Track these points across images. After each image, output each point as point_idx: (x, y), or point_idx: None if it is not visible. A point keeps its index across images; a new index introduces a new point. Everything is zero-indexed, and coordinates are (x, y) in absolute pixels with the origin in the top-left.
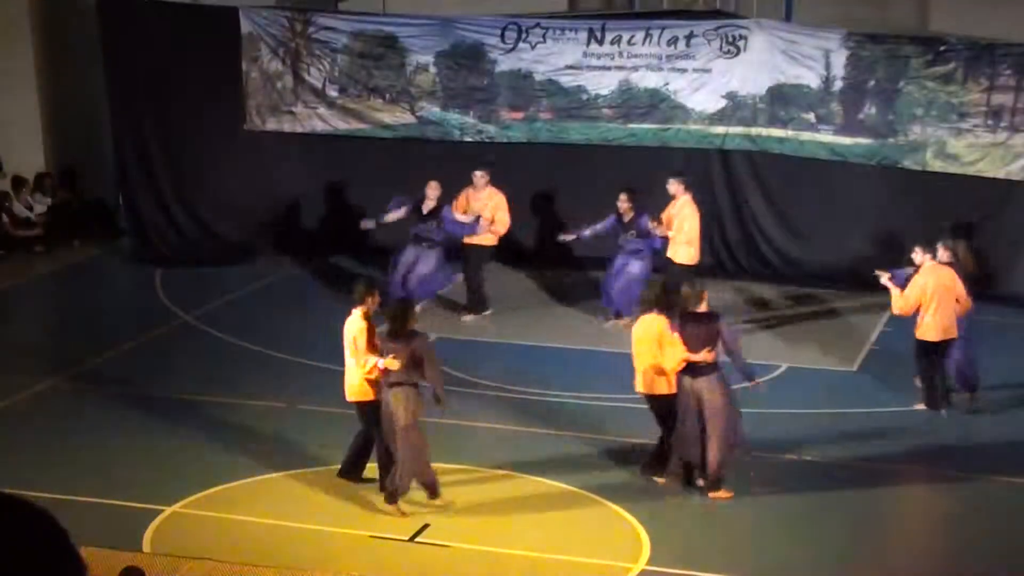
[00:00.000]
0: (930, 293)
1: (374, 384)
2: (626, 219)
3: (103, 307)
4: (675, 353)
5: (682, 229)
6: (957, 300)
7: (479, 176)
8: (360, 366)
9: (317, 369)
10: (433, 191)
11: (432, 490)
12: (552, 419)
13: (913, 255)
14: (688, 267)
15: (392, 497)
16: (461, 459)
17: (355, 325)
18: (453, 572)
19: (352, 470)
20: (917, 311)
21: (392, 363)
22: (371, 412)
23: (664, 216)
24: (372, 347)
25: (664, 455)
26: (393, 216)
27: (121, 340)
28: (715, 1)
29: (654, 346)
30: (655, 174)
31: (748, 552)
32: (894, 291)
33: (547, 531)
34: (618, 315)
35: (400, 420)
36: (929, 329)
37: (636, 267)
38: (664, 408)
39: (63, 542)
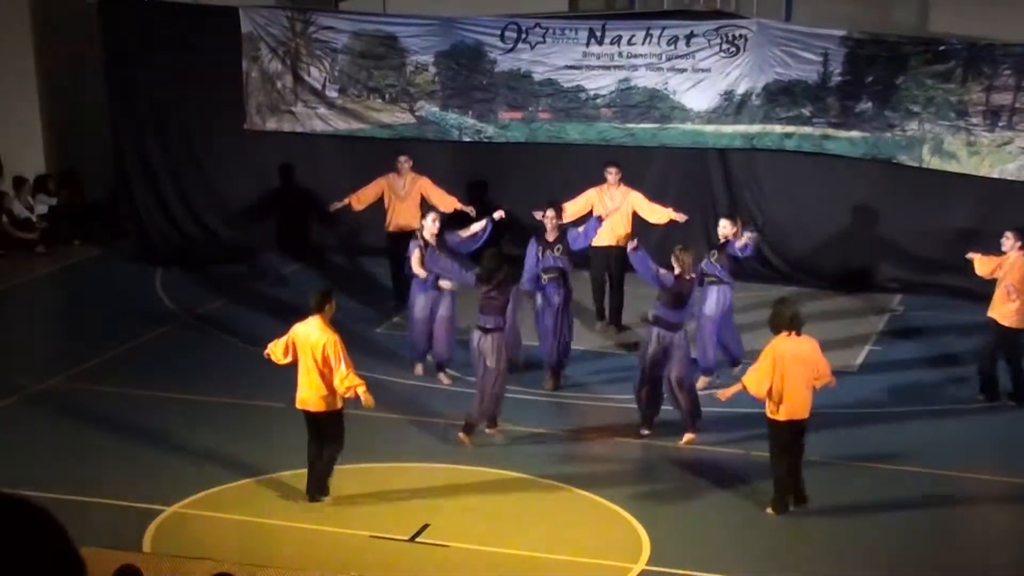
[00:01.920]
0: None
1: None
2: (551, 237)
3: (104, 307)
4: None
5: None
6: None
7: (403, 161)
8: (339, 382)
9: None
10: (433, 223)
11: (493, 420)
12: (551, 419)
13: (1004, 240)
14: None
15: (469, 428)
16: (460, 459)
17: (323, 336)
18: (453, 572)
19: (321, 487)
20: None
21: (370, 401)
22: (333, 423)
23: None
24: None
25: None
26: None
27: (122, 340)
28: (715, 1)
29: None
30: (653, 173)
31: (748, 552)
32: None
33: (547, 531)
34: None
35: (491, 363)
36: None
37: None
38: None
39: (63, 541)
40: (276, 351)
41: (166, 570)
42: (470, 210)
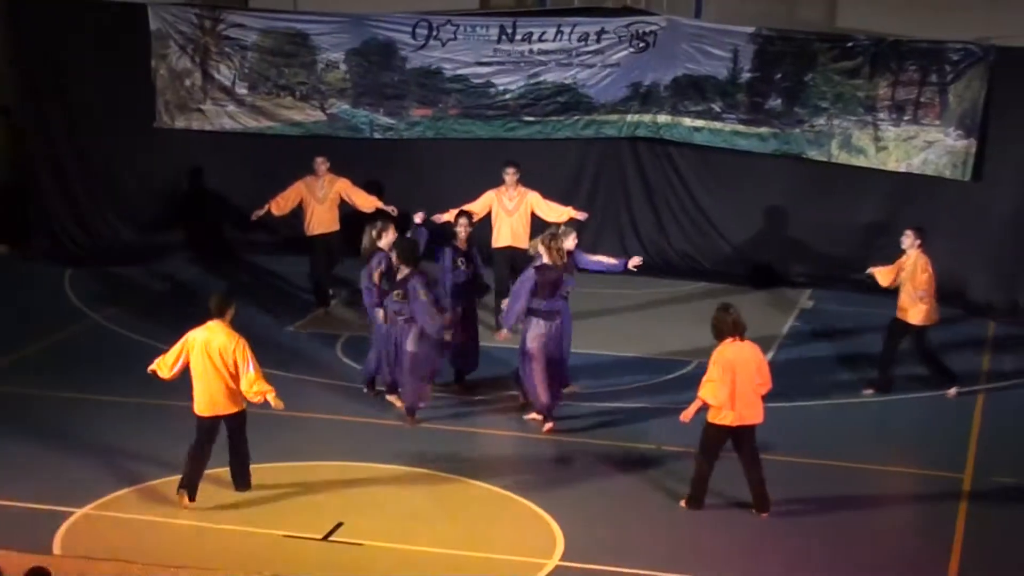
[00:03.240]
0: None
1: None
2: (463, 247)
3: (11, 307)
4: None
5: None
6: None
7: (320, 162)
8: (248, 387)
9: None
10: (389, 237)
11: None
12: (468, 418)
13: (903, 238)
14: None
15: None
16: (373, 457)
17: (230, 341)
18: (367, 570)
19: (245, 478)
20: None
21: (280, 405)
22: (241, 420)
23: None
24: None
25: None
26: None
27: (30, 341)
28: None
29: None
30: (565, 169)
31: (662, 547)
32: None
33: (462, 528)
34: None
35: (410, 347)
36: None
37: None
38: None
39: None
40: (163, 365)
41: (76, 571)
42: (391, 209)
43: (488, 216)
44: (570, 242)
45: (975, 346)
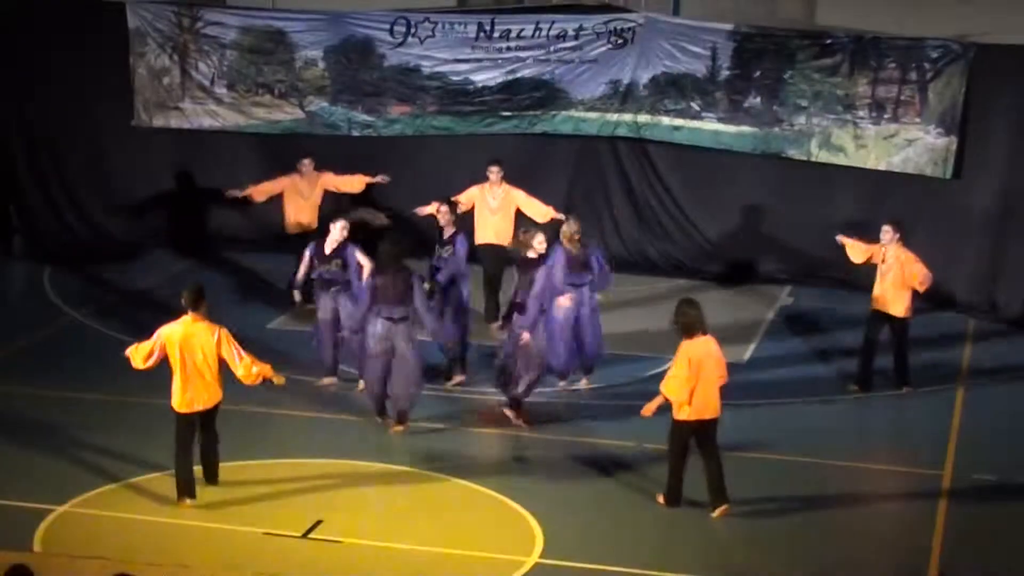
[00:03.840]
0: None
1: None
2: (446, 234)
3: None
4: None
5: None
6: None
7: (307, 164)
8: (246, 371)
9: None
10: (340, 231)
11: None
12: (447, 415)
13: (883, 233)
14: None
15: (402, 416)
16: (351, 455)
17: (212, 333)
18: (346, 568)
19: (214, 470)
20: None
21: (281, 380)
22: (215, 414)
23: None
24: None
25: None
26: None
27: (10, 339)
28: None
29: None
30: (544, 165)
31: (641, 545)
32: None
33: (440, 525)
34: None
35: (402, 350)
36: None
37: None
38: None
39: None
40: (136, 355)
41: (57, 569)
42: (381, 179)
43: (471, 212)
44: (537, 242)
45: (954, 343)
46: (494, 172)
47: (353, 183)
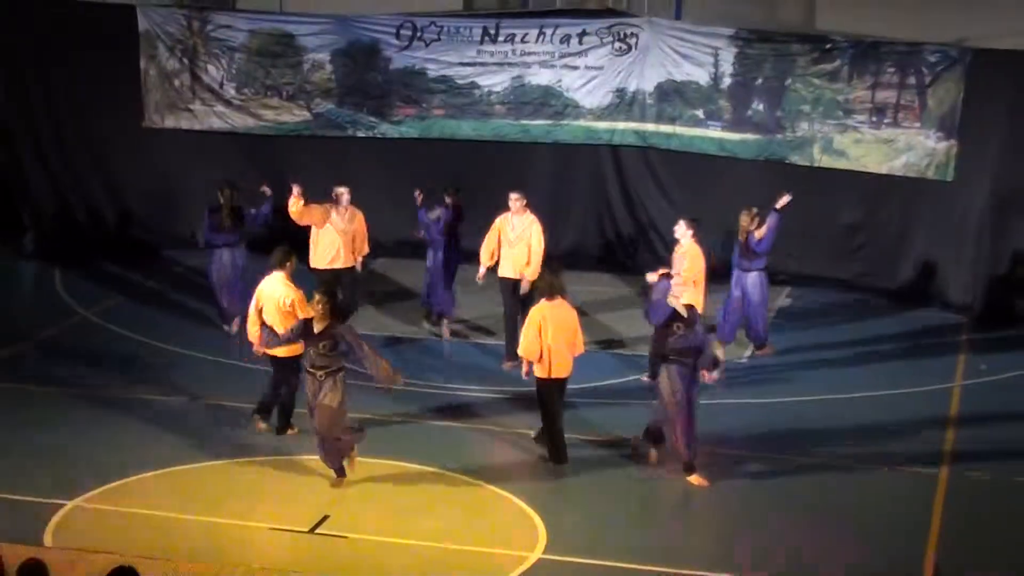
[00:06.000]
0: None
1: None
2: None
3: (3, 304)
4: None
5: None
6: None
7: (343, 192)
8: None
9: (214, 364)
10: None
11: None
12: (451, 411)
13: (675, 228)
14: None
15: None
16: (361, 452)
17: (287, 292)
18: (352, 563)
19: (286, 423)
20: None
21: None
22: (295, 365)
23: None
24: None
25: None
26: None
27: (22, 336)
28: (607, 0)
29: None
30: (547, 174)
31: (643, 540)
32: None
33: (446, 522)
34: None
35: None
36: None
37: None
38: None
39: None
40: (252, 327)
41: (68, 563)
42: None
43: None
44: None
45: (952, 344)
46: (514, 200)
47: (363, 248)
